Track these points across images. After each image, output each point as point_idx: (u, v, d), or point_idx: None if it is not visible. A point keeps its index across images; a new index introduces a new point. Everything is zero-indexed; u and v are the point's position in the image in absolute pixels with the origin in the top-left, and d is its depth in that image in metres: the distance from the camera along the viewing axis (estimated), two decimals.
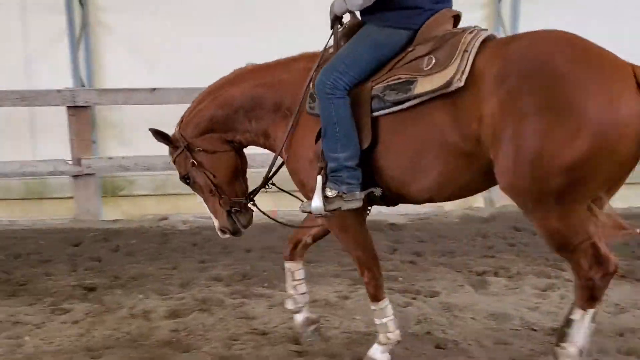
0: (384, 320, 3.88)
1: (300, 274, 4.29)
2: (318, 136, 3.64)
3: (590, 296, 3.28)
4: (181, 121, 4.23)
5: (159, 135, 4.17)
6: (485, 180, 3.38)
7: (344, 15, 3.75)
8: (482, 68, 3.21)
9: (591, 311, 3.31)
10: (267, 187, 4.19)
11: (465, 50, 3.29)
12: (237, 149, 4.21)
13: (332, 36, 3.78)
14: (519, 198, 3.21)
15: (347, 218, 3.75)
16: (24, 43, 8.08)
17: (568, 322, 3.36)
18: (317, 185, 3.60)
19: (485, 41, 3.34)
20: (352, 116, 3.52)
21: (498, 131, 3.08)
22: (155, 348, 4.20)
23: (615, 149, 2.96)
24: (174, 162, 4.28)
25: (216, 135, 4.14)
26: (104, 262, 6.19)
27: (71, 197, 8.05)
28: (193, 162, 4.16)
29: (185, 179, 4.26)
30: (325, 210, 3.58)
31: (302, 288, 4.29)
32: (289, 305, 4.30)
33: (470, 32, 3.40)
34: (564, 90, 2.98)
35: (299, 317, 4.29)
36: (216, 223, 4.23)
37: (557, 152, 2.98)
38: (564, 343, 3.34)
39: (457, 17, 3.68)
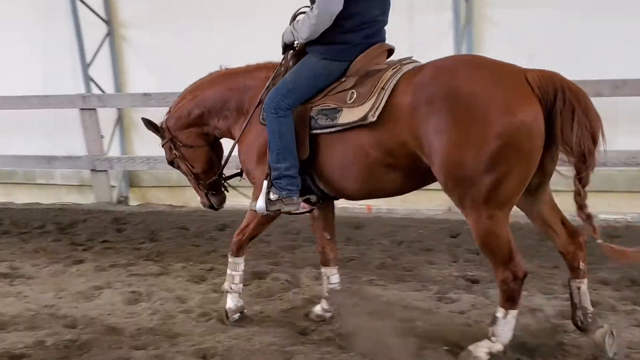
0: (233, 272, 4.64)
1: (335, 277, 4.79)
2: (265, 144, 4.30)
3: (507, 297, 3.73)
4: (168, 112, 5.03)
5: (150, 124, 5.04)
6: (409, 182, 4.05)
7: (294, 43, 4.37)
8: (398, 100, 3.83)
9: (512, 312, 3.74)
10: (241, 177, 4.87)
11: (383, 88, 3.90)
12: (212, 142, 4.99)
13: (283, 60, 4.47)
14: (453, 199, 3.78)
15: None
16: (410, 41, 8.41)
17: (493, 320, 3.80)
18: (263, 188, 4.30)
19: (404, 74, 3.92)
20: (292, 132, 4.16)
21: (425, 148, 3.71)
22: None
23: (520, 146, 3.51)
24: (162, 147, 5.12)
25: (194, 130, 4.92)
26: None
27: None
28: (175, 154, 5.00)
29: (171, 164, 5.14)
30: (267, 211, 4.31)
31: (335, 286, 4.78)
32: (320, 309, 4.76)
33: (393, 68, 4.00)
34: (467, 107, 3.56)
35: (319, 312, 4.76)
36: (199, 199, 5.17)
37: (472, 158, 3.54)
38: (492, 337, 3.77)
39: (390, 51, 4.29)
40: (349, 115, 4.00)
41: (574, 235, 3.95)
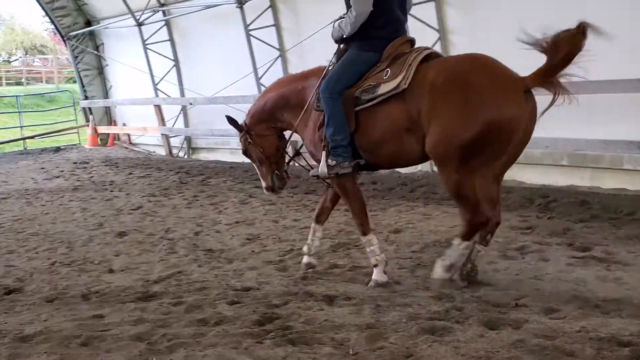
0: (371, 248, 5.61)
1: (320, 233, 6.11)
2: (321, 125, 5.49)
3: (466, 232, 5.18)
4: (248, 113, 6.30)
5: (231, 121, 6.23)
6: (420, 151, 5.11)
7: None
8: (423, 76, 5.01)
9: (465, 243, 5.22)
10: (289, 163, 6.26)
11: (410, 65, 5.11)
12: (279, 133, 6.18)
13: (335, 55, 5.67)
14: (437, 158, 5.01)
15: (345, 181, 5.54)
16: None
17: (449, 244, 5.34)
18: (322, 157, 5.47)
19: (428, 57, 5.20)
20: (342, 111, 5.32)
21: (430, 117, 4.89)
22: None
23: (498, 135, 4.73)
24: (240, 140, 6.31)
25: (264, 124, 6.14)
26: None
27: None
28: (250, 142, 6.16)
29: (245, 153, 6.30)
30: (328, 174, 5.46)
31: (317, 242, 6.10)
32: (305, 249, 6.12)
33: (415, 51, 5.24)
34: (470, 94, 4.76)
35: (306, 260, 6.10)
36: (263, 183, 6.30)
37: (462, 132, 4.77)
38: (443, 257, 5.34)
39: (411, 42, 5.48)
40: (385, 88, 5.17)
41: (496, 214, 5.21)
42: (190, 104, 16.47)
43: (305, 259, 6.14)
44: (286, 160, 6.27)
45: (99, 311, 5.27)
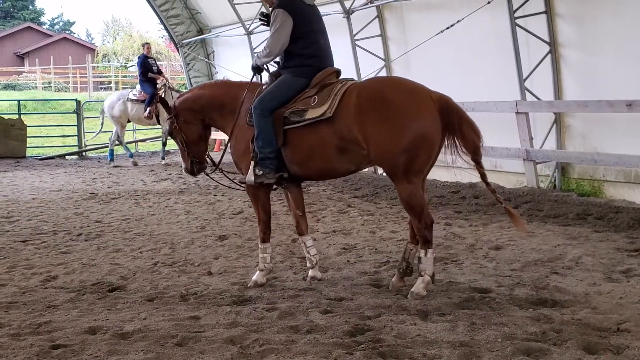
0: (264, 255, 6.30)
1: (310, 241, 6.46)
2: (252, 138, 6.06)
3: (424, 241, 5.64)
4: (179, 97, 6.74)
5: (163, 103, 6.75)
6: (349, 164, 5.89)
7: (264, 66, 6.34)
8: (347, 102, 5.70)
9: (430, 250, 5.67)
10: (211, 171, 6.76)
11: (335, 94, 5.77)
12: (205, 124, 6.62)
13: (270, 77, 6.29)
14: (387, 170, 5.68)
15: (260, 191, 6.21)
16: None
17: (419, 259, 5.70)
18: (251, 167, 6.06)
19: (350, 86, 5.81)
20: (272, 127, 5.95)
21: (365, 135, 5.58)
22: None
23: (425, 140, 5.49)
24: (167, 122, 6.77)
25: (194, 113, 6.54)
26: None
27: None
28: (175, 126, 6.57)
29: (170, 134, 6.70)
30: (255, 182, 6.05)
31: (314, 251, 6.40)
32: (308, 264, 6.42)
33: (340, 83, 5.90)
34: (393, 110, 5.52)
35: (311, 273, 6.36)
36: (183, 165, 6.79)
37: (394, 144, 5.48)
38: (422, 273, 5.66)
39: (338, 72, 6.16)
40: (313, 113, 5.83)
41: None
42: None
43: (311, 272, 6.37)
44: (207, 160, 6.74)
45: (195, 312, 5.40)
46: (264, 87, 6.24)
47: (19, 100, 24.56)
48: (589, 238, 7.77)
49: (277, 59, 6.25)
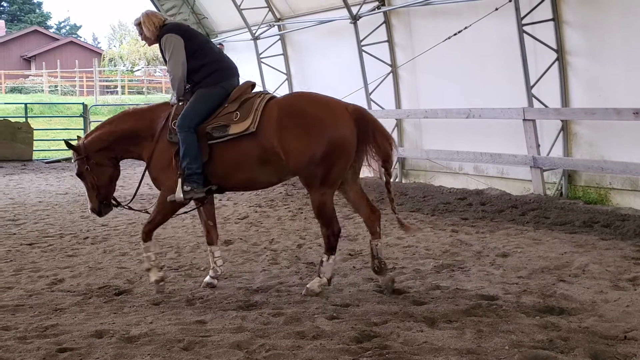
0: (149, 253, 6.37)
1: (218, 252, 6.63)
2: (175, 155, 6.14)
3: (329, 247, 6.02)
4: (86, 137, 6.59)
5: (69, 145, 6.55)
6: (273, 175, 6.17)
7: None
8: (268, 116, 5.93)
9: (332, 257, 6.06)
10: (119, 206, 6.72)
11: (256, 109, 5.98)
12: (115, 163, 6.59)
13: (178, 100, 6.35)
14: (304, 179, 5.97)
15: (172, 203, 6.24)
16: None
17: (321, 262, 6.06)
18: (178, 184, 6.11)
19: (269, 99, 6.09)
20: (197, 143, 6.05)
21: (284, 148, 5.83)
22: None
23: (342, 150, 5.79)
24: (75, 163, 6.59)
25: (106, 153, 6.47)
26: None
27: None
28: (87, 168, 6.45)
29: (80, 175, 6.56)
30: (184, 199, 6.15)
31: (220, 262, 6.55)
32: (211, 273, 6.51)
33: (259, 97, 6.11)
34: (311, 122, 5.82)
35: (208, 279, 6.49)
36: (89, 205, 6.60)
37: (313, 154, 5.76)
38: (320, 275, 6.03)
39: (253, 86, 6.37)
40: (236, 128, 6.01)
41: (373, 210, 6.28)
42: None
43: (207, 279, 6.50)
44: (122, 204, 6.72)
45: (201, 317, 5.39)
46: (179, 104, 6.33)
47: (25, 104, 24.62)
48: (596, 246, 7.75)
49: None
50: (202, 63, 6.29)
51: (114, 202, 6.66)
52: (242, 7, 17.74)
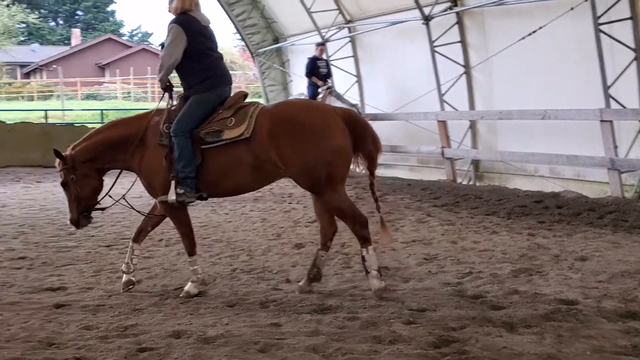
0: (194, 267, 6.45)
1: (138, 251, 6.71)
2: (166, 158, 6.25)
3: (363, 239, 6.04)
4: (73, 147, 6.58)
5: (56, 154, 6.54)
6: (262, 181, 6.39)
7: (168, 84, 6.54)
8: (261, 124, 6.05)
9: (371, 247, 6.05)
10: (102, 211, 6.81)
11: (251, 116, 6.10)
12: (100, 175, 6.65)
13: (172, 98, 6.50)
14: (310, 188, 6.16)
15: (179, 209, 6.37)
16: None
17: (363, 258, 6.09)
18: (172, 187, 6.21)
19: (262, 109, 6.20)
20: (191, 147, 6.14)
21: (281, 156, 5.97)
22: None
23: (341, 155, 6.01)
24: (60, 172, 6.61)
25: (93, 164, 6.54)
26: None
27: None
28: (73, 178, 6.51)
29: (64, 185, 6.61)
30: (177, 202, 6.22)
31: (136, 260, 6.65)
32: (124, 268, 6.59)
33: (253, 105, 6.24)
34: (306, 130, 5.97)
35: (125, 278, 6.56)
36: (68, 215, 6.66)
37: (312, 160, 5.92)
38: (369, 270, 6.06)
39: (245, 95, 6.53)
40: (230, 133, 6.11)
41: (332, 224, 6.40)
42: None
43: (125, 277, 6.55)
44: (109, 204, 6.77)
45: (276, 319, 5.40)
46: (172, 108, 6.45)
47: (101, 110, 25.25)
48: None
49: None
50: (200, 68, 6.39)
51: (99, 208, 6.71)
52: (312, 10, 17.79)
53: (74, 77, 47.39)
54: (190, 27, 6.40)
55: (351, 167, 6.27)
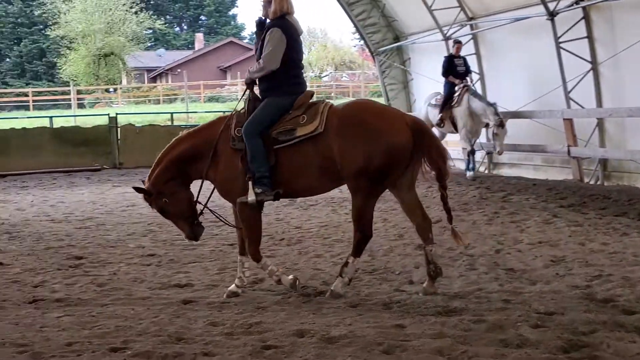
0: (269, 269, 6.57)
1: (247, 263, 6.63)
2: (242, 160, 6.39)
3: (359, 250, 6.35)
4: (148, 178, 6.77)
5: (137, 190, 6.83)
6: (329, 182, 6.48)
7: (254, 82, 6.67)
8: (330, 122, 6.21)
9: (357, 259, 6.38)
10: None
11: (322, 113, 6.27)
12: (188, 186, 6.80)
13: (244, 99, 6.69)
14: (354, 185, 6.22)
15: (251, 211, 6.44)
16: None
17: (346, 263, 6.34)
18: (250, 186, 6.33)
19: (331, 106, 6.37)
20: (264, 147, 6.29)
21: (342, 153, 6.13)
22: None
23: (398, 157, 6.10)
24: (150, 204, 6.86)
25: (172, 182, 6.69)
26: None
27: None
28: (165, 201, 6.69)
29: (162, 212, 6.83)
30: (256, 201, 6.33)
31: (248, 273, 6.68)
32: (237, 282, 6.58)
33: (322, 103, 6.43)
34: (370, 130, 6.09)
35: (233, 288, 6.53)
36: (184, 234, 6.87)
37: (372, 159, 6.05)
38: (343, 275, 6.30)
39: (313, 94, 6.67)
40: (303, 130, 6.25)
41: (425, 218, 6.43)
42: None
43: (232, 287, 6.54)
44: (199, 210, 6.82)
45: (399, 321, 5.35)
46: (241, 112, 6.58)
47: (224, 112, 25.87)
48: None
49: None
50: (284, 74, 6.46)
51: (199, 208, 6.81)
52: (433, 8, 17.59)
53: (197, 81, 48.90)
54: (289, 32, 6.48)
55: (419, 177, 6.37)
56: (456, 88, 15.59)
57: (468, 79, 15.80)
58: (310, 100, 6.52)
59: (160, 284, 6.99)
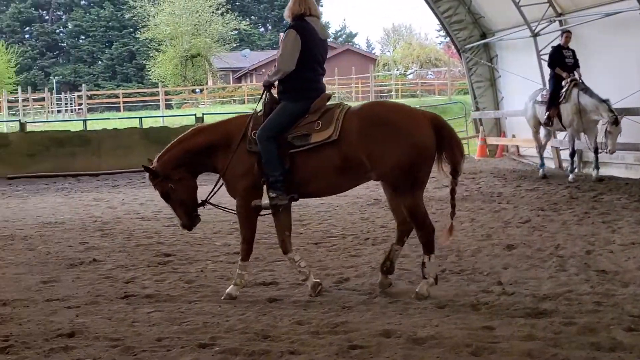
0: (242, 272, 6.65)
1: (297, 257, 6.73)
2: (257, 163, 6.46)
3: (428, 246, 6.28)
4: (157, 159, 6.80)
5: (146, 169, 6.82)
6: (350, 182, 6.62)
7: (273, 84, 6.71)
8: (348, 126, 6.25)
9: (432, 255, 6.31)
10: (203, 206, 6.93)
11: (337, 119, 6.30)
12: (195, 176, 6.88)
13: (261, 102, 6.76)
14: (393, 185, 6.32)
15: (249, 213, 6.60)
16: None
17: (423, 264, 6.33)
18: (264, 190, 6.49)
19: (347, 110, 6.38)
20: (278, 152, 6.35)
21: (370, 156, 6.18)
22: None
23: (426, 156, 6.19)
24: (154, 185, 6.88)
25: (183, 168, 6.75)
26: None
27: None
28: (171, 186, 6.73)
29: (164, 195, 6.84)
30: (270, 205, 6.46)
31: (303, 263, 6.69)
32: (301, 277, 6.64)
33: (338, 108, 6.45)
34: (395, 131, 6.14)
35: (311, 282, 6.52)
36: (179, 222, 7.00)
37: (401, 159, 6.12)
38: (426, 275, 6.27)
39: (329, 97, 6.71)
40: (318, 137, 6.28)
41: (408, 221, 6.37)
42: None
43: (310, 281, 6.54)
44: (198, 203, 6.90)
45: (488, 323, 5.29)
46: (259, 114, 6.66)
47: None
48: None
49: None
50: (299, 77, 6.51)
51: (199, 204, 6.89)
52: (521, 4, 17.24)
53: None
54: (305, 34, 6.49)
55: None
56: (563, 83, 14.53)
57: (576, 73, 14.56)
58: (327, 104, 6.55)
59: (245, 281, 7.06)
